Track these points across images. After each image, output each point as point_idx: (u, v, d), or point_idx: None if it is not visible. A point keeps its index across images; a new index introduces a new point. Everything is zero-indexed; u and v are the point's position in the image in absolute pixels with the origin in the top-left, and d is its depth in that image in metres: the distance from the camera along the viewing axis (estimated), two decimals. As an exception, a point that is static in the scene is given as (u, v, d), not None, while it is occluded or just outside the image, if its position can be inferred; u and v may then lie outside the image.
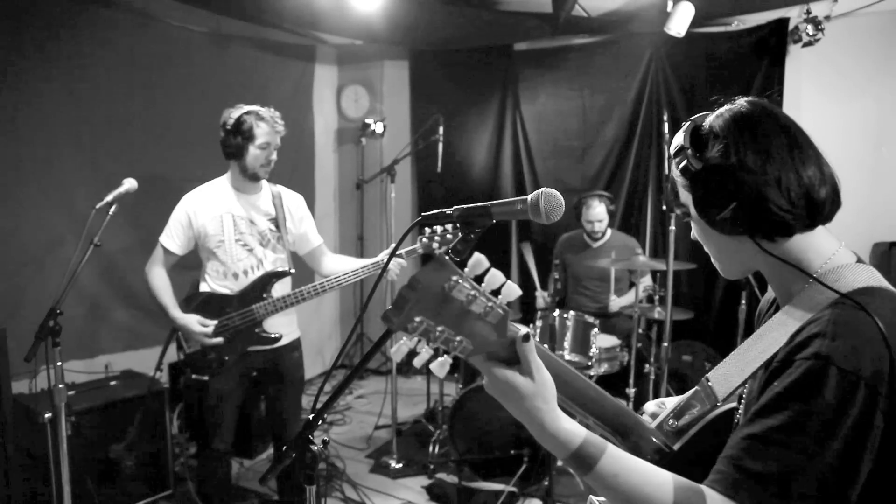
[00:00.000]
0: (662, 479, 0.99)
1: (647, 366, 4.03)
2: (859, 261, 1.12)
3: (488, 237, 1.19)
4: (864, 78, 4.49)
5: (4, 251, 3.64)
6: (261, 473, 3.97)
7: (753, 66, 4.74)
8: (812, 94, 4.65)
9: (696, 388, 1.20)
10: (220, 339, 2.98)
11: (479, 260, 0.90)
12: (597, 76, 5.40)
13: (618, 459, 1.01)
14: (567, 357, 3.91)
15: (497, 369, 1.01)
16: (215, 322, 2.99)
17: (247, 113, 3.00)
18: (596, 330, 3.99)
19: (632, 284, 4.66)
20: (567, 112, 5.53)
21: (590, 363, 3.93)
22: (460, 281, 0.86)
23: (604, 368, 4.06)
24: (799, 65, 4.65)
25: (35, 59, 3.75)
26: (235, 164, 3.05)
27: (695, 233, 1.22)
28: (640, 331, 4.20)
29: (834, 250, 1.11)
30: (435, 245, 2.93)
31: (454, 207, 1.16)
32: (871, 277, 1.07)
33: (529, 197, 1.11)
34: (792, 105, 4.64)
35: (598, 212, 4.55)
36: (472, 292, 0.88)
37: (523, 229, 5.84)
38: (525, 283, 5.90)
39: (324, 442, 1.24)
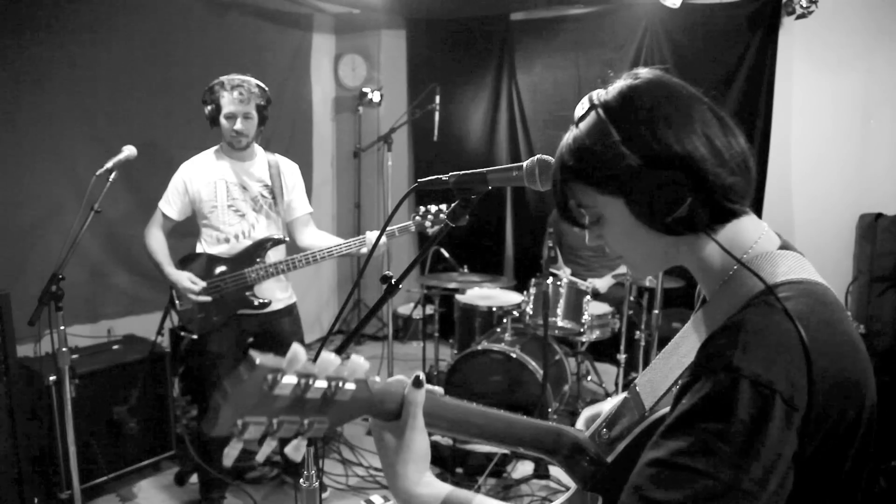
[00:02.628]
0: None
1: (637, 333, 4.11)
2: (783, 246, 0.99)
3: (484, 210, 1.17)
4: (855, 51, 4.52)
5: (7, 217, 3.68)
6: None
7: (747, 38, 4.75)
8: (803, 67, 4.68)
9: (627, 395, 1.12)
10: (208, 298, 3.06)
11: (295, 353, 0.77)
12: (592, 46, 5.41)
13: None
14: (560, 323, 3.99)
15: (373, 420, 0.97)
16: (206, 281, 3.08)
17: (216, 83, 3.05)
18: (588, 297, 4.06)
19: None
20: (562, 82, 5.55)
21: (582, 330, 4.02)
22: (281, 378, 0.75)
23: (595, 335, 4.15)
24: (791, 37, 4.66)
25: (35, 30, 3.74)
26: (220, 132, 3.12)
27: (608, 239, 1.04)
28: (632, 298, 4.28)
29: (756, 237, 0.98)
30: (427, 223, 2.97)
31: (450, 174, 1.17)
32: (792, 268, 0.94)
33: (525, 163, 1.11)
34: (784, 77, 4.67)
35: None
36: (303, 381, 0.77)
37: (519, 199, 5.90)
38: (519, 253, 5.99)
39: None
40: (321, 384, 0.80)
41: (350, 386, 0.83)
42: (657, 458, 0.83)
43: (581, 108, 1.01)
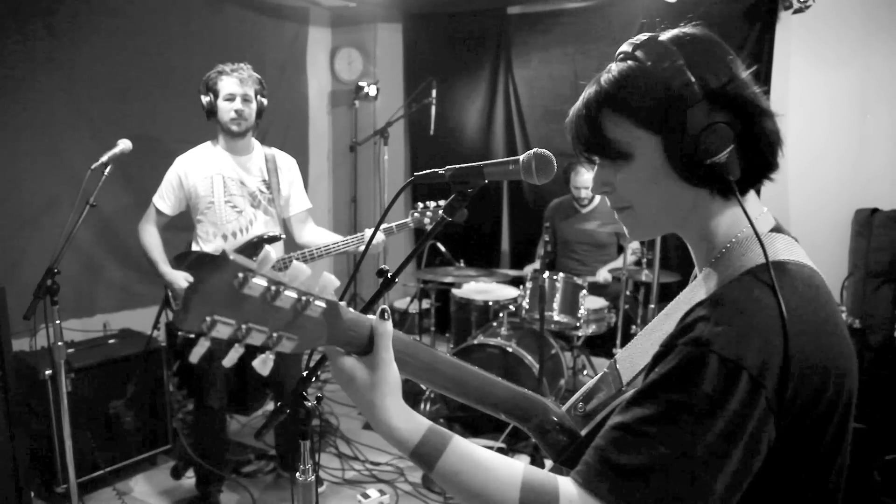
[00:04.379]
0: (510, 476, 0.89)
1: (633, 327, 4.11)
2: (776, 229, 1.00)
3: (481, 204, 1.16)
4: (852, 47, 4.51)
5: (3, 211, 3.68)
6: (257, 429, 4.07)
7: (744, 32, 4.74)
8: (800, 62, 4.67)
9: (605, 370, 1.12)
10: None
11: (266, 254, 0.78)
12: (589, 41, 5.39)
13: (461, 457, 0.92)
14: (556, 318, 4.00)
15: (337, 357, 0.95)
16: None
17: (212, 71, 3.05)
18: (584, 292, 4.07)
19: (620, 249, 4.74)
20: (559, 76, 5.53)
21: (578, 324, 4.03)
22: (251, 277, 0.75)
23: (591, 329, 4.16)
24: (788, 31, 4.66)
25: (32, 24, 3.73)
26: (218, 125, 3.10)
27: (623, 183, 1.00)
28: (628, 293, 4.29)
29: (755, 217, 0.96)
30: (426, 220, 2.98)
31: (447, 167, 1.16)
32: (780, 250, 0.94)
33: (522, 157, 1.11)
34: (780, 72, 4.67)
35: (585, 178, 4.61)
36: (273, 287, 0.77)
37: (516, 194, 5.90)
38: (516, 250, 5.98)
39: (318, 398, 1.24)
40: (291, 294, 0.79)
41: (320, 303, 0.83)
42: (622, 423, 0.86)
43: (632, 42, 0.99)
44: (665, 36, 0.97)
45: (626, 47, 1.00)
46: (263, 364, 0.84)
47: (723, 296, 0.87)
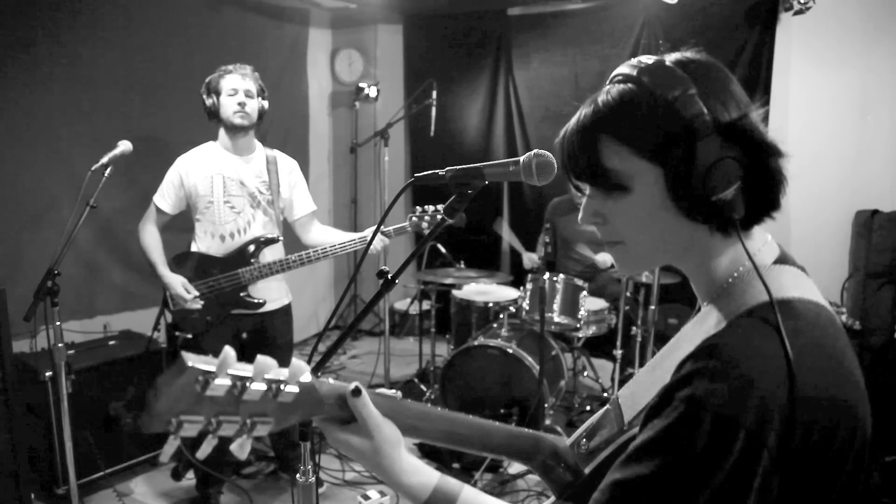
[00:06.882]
0: None
1: (634, 328, 4.11)
2: (781, 259, 0.94)
3: (481, 205, 1.17)
4: (852, 48, 4.52)
5: (3, 213, 3.67)
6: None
7: (745, 34, 4.75)
8: (801, 63, 4.68)
9: (608, 406, 1.08)
10: (200, 304, 3.05)
11: (226, 356, 0.77)
12: (589, 42, 5.41)
13: None
14: (556, 319, 4.00)
15: (333, 432, 0.97)
16: (199, 288, 3.06)
17: (215, 73, 3.06)
18: (585, 293, 4.07)
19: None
20: (559, 78, 5.55)
21: (578, 325, 4.03)
22: (213, 380, 0.74)
23: (592, 330, 4.16)
24: (789, 33, 4.67)
25: (33, 25, 3.73)
26: (220, 125, 3.09)
27: (617, 217, 0.94)
28: (628, 294, 4.28)
29: (757, 248, 0.93)
30: (424, 224, 2.97)
31: (447, 168, 1.16)
32: (785, 285, 0.88)
33: (522, 158, 1.11)
34: (781, 73, 4.67)
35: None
36: (238, 383, 0.77)
37: (516, 194, 5.90)
38: (516, 251, 5.98)
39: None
40: (259, 386, 0.80)
41: (293, 388, 0.83)
42: (621, 480, 0.83)
43: (635, 65, 0.92)
44: (671, 60, 0.91)
45: (626, 70, 0.93)
46: (241, 448, 0.83)
47: (720, 345, 0.81)
